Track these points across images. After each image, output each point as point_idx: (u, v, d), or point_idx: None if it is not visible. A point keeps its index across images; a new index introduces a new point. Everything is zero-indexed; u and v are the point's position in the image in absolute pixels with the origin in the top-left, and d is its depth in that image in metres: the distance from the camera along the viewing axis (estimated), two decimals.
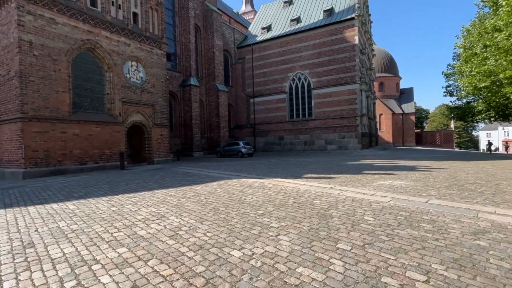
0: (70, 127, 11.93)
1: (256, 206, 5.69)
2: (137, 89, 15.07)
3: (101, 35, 13.23)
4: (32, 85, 10.77)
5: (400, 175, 9.72)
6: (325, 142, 27.95)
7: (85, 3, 12.69)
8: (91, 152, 12.73)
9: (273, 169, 12.47)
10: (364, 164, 13.77)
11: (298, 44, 29.30)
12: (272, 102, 31.12)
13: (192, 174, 11.13)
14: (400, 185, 7.66)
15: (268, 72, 31.26)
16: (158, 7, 16.47)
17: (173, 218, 4.98)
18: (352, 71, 26.36)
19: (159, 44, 16.39)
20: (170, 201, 6.33)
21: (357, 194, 6.57)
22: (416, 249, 3.39)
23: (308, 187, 7.69)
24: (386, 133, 46.67)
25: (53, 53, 11.41)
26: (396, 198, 6.07)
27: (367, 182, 8.26)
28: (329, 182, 8.48)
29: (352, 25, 26.31)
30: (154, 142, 16.07)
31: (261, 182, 8.74)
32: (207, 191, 7.43)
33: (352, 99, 26.58)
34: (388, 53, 50.14)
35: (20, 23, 10.42)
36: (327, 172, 10.96)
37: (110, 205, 6.08)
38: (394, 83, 49.38)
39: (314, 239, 3.78)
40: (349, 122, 26.72)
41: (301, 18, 30.85)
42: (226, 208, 5.58)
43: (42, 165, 10.99)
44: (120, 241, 3.92)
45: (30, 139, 10.67)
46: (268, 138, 31.35)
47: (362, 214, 4.94)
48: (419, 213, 4.91)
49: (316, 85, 28.34)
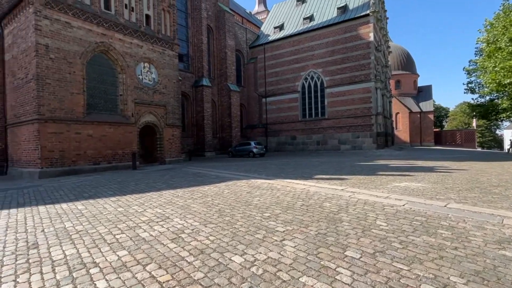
0: (84, 128, 12.19)
1: (263, 208, 5.52)
2: (149, 90, 15.24)
3: (115, 38, 13.46)
4: (48, 88, 11.07)
5: (416, 176, 9.27)
6: (338, 142, 27.37)
7: (99, 7, 12.94)
8: (104, 153, 12.96)
9: (283, 169, 12.25)
10: (379, 165, 13.30)
11: (311, 42, 28.85)
12: (284, 102, 30.82)
13: (202, 175, 11.09)
14: (416, 188, 7.28)
15: (280, 72, 30.99)
16: (170, 8, 16.60)
17: (177, 220, 4.89)
18: (367, 68, 25.67)
19: (171, 45, 16.52)
20: (177, 202, 6.26)
21: (369, 197, 6.27)
22: (433, 258, 3.12)
23: (318, 188, 7.44)
24: (403, 133, 45.25)
25: (68, 56, 11.70)
26: (411, 202, 5.73)
27: (381, 184, 7.91)
28: (341, 183, 8.18)
29: (367, 21, 25.61)
30: (166, 143, 16.21)
31: (270, 183, 8.56)
32: (214, 192, 7.33)
33: (366, 97, 25.89)
34: (405, 50, 48.62)
35: (37, 28, 10.73)
36: (339, 173, 10.63)
37: (117, 205, 6.08)
38: (412, 81, 47.79)
39: (321, 245, 3.57)
40: (364, 121, 26.03)
41: (314, 16, 30.37)
42: (232, 210, 5.44)
43: (57, 165, 11.28)
44: (122, 243, 3.86)
45: (46, 140, 10.98)
46: (280, 138, 31.06)
47: (374, 218, 4.67)
48: (437, 218, 4.58)
49: (329, 83, 27.81)
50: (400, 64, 47.44)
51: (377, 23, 27.35)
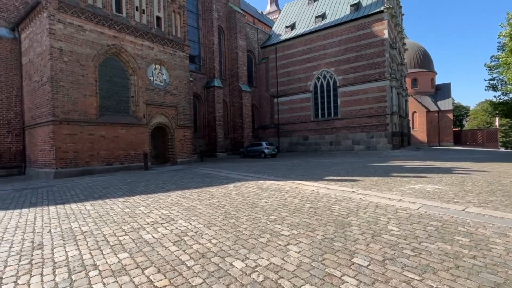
0: (97, 129, 12.44)
1: (270, 210, 5.38)
2: (161, 91, 15.40)
3: (126, 40, 13.68)
4: (62, 90, 11.37)
5: (433, 178, 8.85)
6: (352, 142, 26.77)
7: (110, 10, 13.19)
8: (117, 153, 13.18)
9: (294, 170, 12.05)
10: (393, 166, 12.85)
11: (323, 41, 28.40)
12: (296, 102, 30.48)
13: (211, 175, 11.05)
14: (432, 190, 6.92)
15: (292, 71, 30.68)
16: (180, 10, 16.73)
17: (182, 222, 4.83)
18: (381, 67, 24.98)
19: (181, 47, 16.64)
20: (183, 203, 6.22)
21: (381, 200, 6.00)
22: (448, 268, 2.88)
23: (328, 190, 7.22)
24: (420, 132, 43.85)
25: (81, 59, 11.98)
26: (426, 205, 5.43)
27: (395, 186, 7.58)
28: (352, 185, 7.91)
29: (381, 18, 24.93)
30: (177, 143, 16.33)
31: (279, 184, 8.39)
32: (222, 193, 7.25)
33: (381, 96, 25.19)
34: (421, 47, 47.12)
35: (51, 31, 11.04)
36: (351, 174, 10.32)
37: (124, 206, 6.10)
38: (429, 79, 46.24)
39: (327, 251, 3.40)
40: (378, 121, 25.34)
41: (326, 14, 29.89)
42: (238, 212, 5.33)
43: (71, 165, 11.56)
44: (124, 245, 3.82)
45: (61, 141, 11.27)
46: (293, 138, 30.74)
47: (385, 222, 4.43)
48: (454, 224, 4.29)
49: (342, 83, 27.27)
50: (416, 61, 46.02)
51: (392, 20, 26.59)
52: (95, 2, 12.68)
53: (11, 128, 13.43)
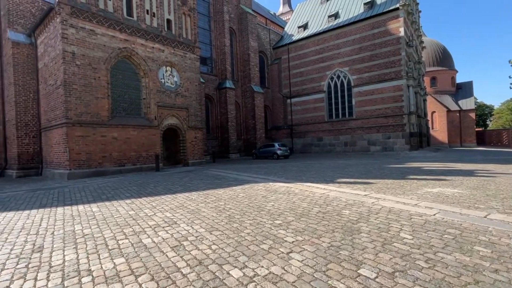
0: (109, 131, 12.65)
1: (275, 214, 5.17)
2: (172, 93, 15.51)
3: (137, 43, 13.87)
4: (75, 93, 11.64)
5: (453, 181, 8.33)
6: (367, 143, 26.04)
7: (121, 14, 13.41)
8: (129, 155, 13.36)
9: (305, 172, 11.75)
10: (410, 168, 12.29)
11: (336, 40, 27.87)
12: (309, 102, 30.05)
13: (221, 177, 10.95)
14: (451, 194, 6.48)
15: (305, 72, 30.29)
16: (191, 12, 16.83)
17: (184, 225, 4.70)
18: (398, 65, 24.17)
19: (192, 49, 16.72)
20: (188, 206, 6.11)
21: (395, 204, 5.65)
22: (466, 283, 2.58)
23: (339, 193, 6.91)
24: (440, 133, 42.14)
25: (93, 62, 12.23)
26: (444, 211, 5.05)
27: (411, 189, 7.17)
28: (365, 188, 7.56)
29: (397, 16, 24.15)
30: (189, 145, 16.39)
31: (288, 186, 8.15)
32: (229, 195, 7.10)
33: (398, 96, 24.37)
34: (440, 44, 45.34)
35: (64, 36, 11.34)
36: (365, 176, 9.91)
37: (130, 208, 6.06)
38: (449, 77, 44.39)
39: (332, 260, 3.15)
40: (395, 121, 24.51)
41: (340, 13, 29.31)
42: (242, 216, 5.16)
43: (84, 166, 11.80)
44: (122, 250, 3.73)
45: (74, 143, 11.53)
46: (306, 139, 30.30)
47: (397, 229, 4.12)
48: (474, 232, 3.93)
49: (356, 82, 26.61)
50: (435, 59, 44.32)
51: (408, 17, 25.70)
52: (106, 6, 12.94)
53: (28, 130, 13.93)
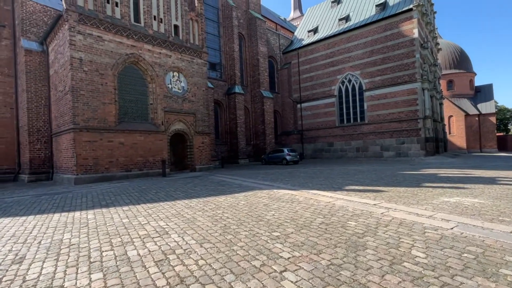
0: (116, 136, 12.65)
1: (275, 225, 4.79)
2: (179, 98, 15.46)
3: (144, 49, 13.93)
4: (82, 98, 11.72)
5: (473, 189, 7.68)
6: (380, 148, 25.18)
7: (129, 20, 13.52)
8: (136, 160, 13.30)
9: (313, 178, 11.28)
10: (426, 175, 11.59)
11: (347, 43, 27.34)
12: (320, 107, 29.51)
13: (226, 183, 10.65)
14: (471, 204, 5.90)
15: (315, 76, 29.85)
16: (198, 18, 16.85)
17: (175, 236, 4.41)
18: (412, 68, 23.36)
19: (199, 54, 16.68)
20: (185, 214, 5.82)
21: (407, 215, 5.16)
22: None
23: (346, 202, 6.45)
24: (458, 138, 40.45)
25: (100, 68, 12.32)
26: (463, 224, 4.53)
27: (425, 199, 6.62)
28: (375, 196, 7.05)
29: (410, 17, 23.43)
30: (196, 150, 16.23)
31: (293, 194, 7.75)
32: (229, 203, 6.77)
33: (412, 99, 23.50)
34: (457, 46, 43.85)
35: (72, 42, 11.48)
36: (376, 183, 9.36)
37: (125, 216, 5.84)
38: (467, 80, 42.73)
39: (330, 283, 2.76)
40: (409, 126, 23.60)
41: (350, 16, 28.82)
42: (239, 226, 4.81)
43: (91, 172, 11.80)
44: (104, 263, 3.46)
45: (81, 148, 11.57)
46: (317, 144, 29.69)
47: (409, 246, 3.66)
48: (499, 251, 3.42)
49: (368, 86, 25.92)
50: (452, 62, 42.85)
51: (422, 18, 24.92)
52: (113, 13, 13.07)
53: (40, 136, 14.16)
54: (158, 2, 15.01)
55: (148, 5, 14.54)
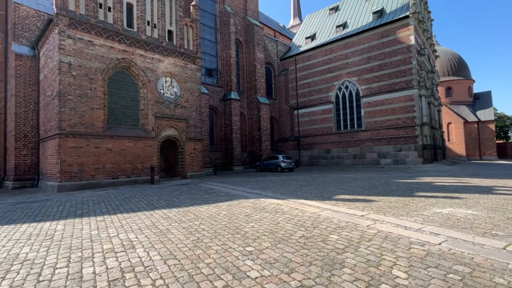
0: (103, 142, 12.36)
1: (251, 239, 4.46)
2: (171, 104, 15.22)
3: (136, 54, 13.75)
4: (70, 103, 11.47)
5: (467, 199, 7.34)
6: (377, 155, 24.85)
7: (121, 25, 13.38)
8: (123, 167, 12.98)
9: (305, 187, 10.94)
10: (421, 183, 11.25)
11: (344, 50, 27.29)
12: (317, 113, 29.30)
13: (213, 191, 10.31)
14: (464, 216, 5.56)
15: (312, 82, 29.73)
16: (193, 23, 16.74)
17: (141, 251, 4.07)
18: (408, 74, 23.21)
19: (193, 59, 16.51)
20: (160, 225, 5.49)
21: (395, 228, 4.82)
22: None
23: (332, 213, 6.12)
24: (457, 145, 40.14)
25: (90, 73, 12.11)
26: (453, 238, 4.20)
27: (416, 209, 6.28)
28: (364, 207, 6.71)
29: (407, 24, 23.39)
30: (188, 157, 15.92)
31: (279, 204, 7.41)
32: (210, 213, 6.44)
33: (409, 106, 23.28)
34: (455, 53, 43.91)
35: (61, 47, 11.30)
36: (368, 192, 9.02)
37: (96, 227, 5.50)
38: (465, 87, 42.64)
39: None
40: (407, 133, 23.32)
41: (348, 23, 28.86)
42: (212, 239, 4.48)
43: (76, 179, 11.47)
44: (52, 282, 3.13)
45: (66, 154, 11.26)
46: (314, 151, 29.37)
47: (390, 264, 3.33)
48: (489, 270, 3.08)
49: (365, 92, 25.74)
50: (450, 69, 42.84)
51: (419, 25, 24.90)
52: (106, 18, 12.94)
53: (27, 141, 13.87)
54: (152, 8, 14.91)
55: (142, 10, 14.43)
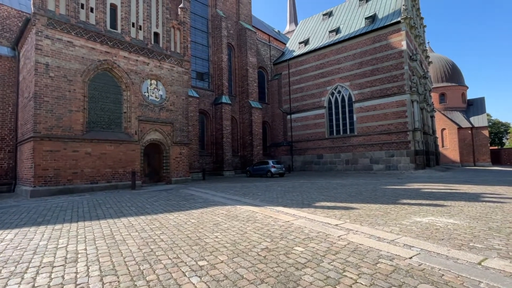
0: (82, 146, 11.93)
1: (208, 251, 4.08)
2: (156, 107, 14.85)
3: (119, 55, 13.42)
4: (46, 105, 11.07)
5: (451, 207, 7.01)
6: (370, 161, 24.57)
7: (104, 26, 13.06)
8: (103, 171, 12.53)
9: (288, 193, 10.57)
10: (408, 190, 10.92)
11: (337, 55, 27.21)
12: (309, 118, 29.08)
13: (191, 198, 9.91)
14: (444, 225, 5.21)
15: (305, 87, 29.57)
16: (180, 26, 16.48)
17: (82, 265, 3.67)
18: (400, 80, 23.09)
19: (180, 62, 16.20)
20: (118, 235, 5.08)
21: (367, 240, 4.46)
22: None
23: (306, 222, 5.75)
24: (451, 151, 40.04)
25: (69, 74, 11.73)
26: (427, 251, 3.84)
27: (396, 218, 5.93)
28: (342, 215, 6.35)
29: (398, 29, 23.36)
30: (173, 161, 15.50)
31: (254, 211, 7.03)
32: (177, 222, 6.04)
33: (401, 111, 23.11)
34: (449, 60, 44.15)
35: (38, 47, 10.94)
36: (351, 199, 8.67)
37: (48, 236, 5.09)
38: (459, 93, 42.75)
39: None
40: (399, 138, 23.11)
41: (341, 28, 28.85)
42: (166, 252, 4.09)
43: (51, 183, 11.00)
44: None
45: (41, 158, 10.81)
46: (306, 156, 29.07)
47: (350, 283, 2.96)
48: None
49: (358, 97, 25.57)
50: (444, 75, 43.00)
51: (411, 31, 24.89)
52: (88, 18, 12.62)
53: (4, 144, 13.40)
54: (137, 9, 14.64)
55: (126, 12, 14.15)
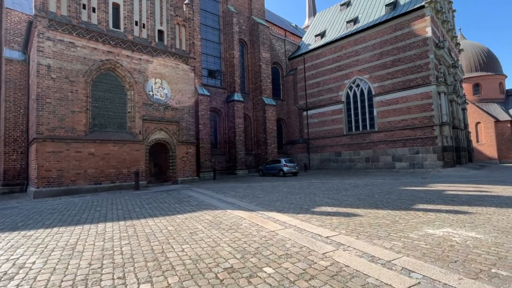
0: (85, 146, 11.91)
1: (162, 270, 3.49)
2: (160, 106, 14.60)
3: (122, 55, 13.28)
4: (48, 107, 11.12)
5: (477, 215, 5.88)
6: (392, 158, 22.91)
7: (106, 26, 12.96)
8: (107, 172, 12.47)
9: (292, 195, 9.77)
10: (429, 192, 9.68)
11: (355, 46, 25.64)
12: (326, 114, 27.78)
13: (187, 200, 9.43)
14: (462, 241, 4.21)
15: (321, 82, 28.27)
16: (185, 22, 16.11)
17: (12, 284, 3.21)
18: (425, 70, 21.20)
19: (186, 59, 15.84)
20: (80, 245, 4.64)
21: (356, 259, 3.63)
22: None
23: (294, 232, 4.99)
24: (487, 147, 36.69)
25: (71, 75, 11.73)
26: (430, 280, 2.97)
27: (403, 229, 4.98)
28: (339, 224, 5.50)
29: (422, 14, 21.43)
30: (179, 161, 15.21)
31: (242, 217, 6.36)
32: (154, 229, 5.53)
33: (426, 104, 21.24)
34: (483, 47, 40.44)
35: (39, 49, 11.00)
36: (358, 203, 7.71)
37: (10, 246, 4.76)
38: (496, 83, 39.03)
39: None
40: (424, 133, 21.27)
41: (359, 18, 27.17)
42: (115, 269, 3.55)
43: (54, 184, 11.06)
44: None
45: (44, 159, 10.89)
46: (324, 154, 27.83)
47: None
48: None
49: (378, 91, 23.92)
50: (478, 64, 39.43)
51: (437, 16, 22.77)
52: (90, 18, 12.57)
53: (16, 146, 13.82)
54: (140, 8, 14.44)
55: (129, 10, 13.99)
